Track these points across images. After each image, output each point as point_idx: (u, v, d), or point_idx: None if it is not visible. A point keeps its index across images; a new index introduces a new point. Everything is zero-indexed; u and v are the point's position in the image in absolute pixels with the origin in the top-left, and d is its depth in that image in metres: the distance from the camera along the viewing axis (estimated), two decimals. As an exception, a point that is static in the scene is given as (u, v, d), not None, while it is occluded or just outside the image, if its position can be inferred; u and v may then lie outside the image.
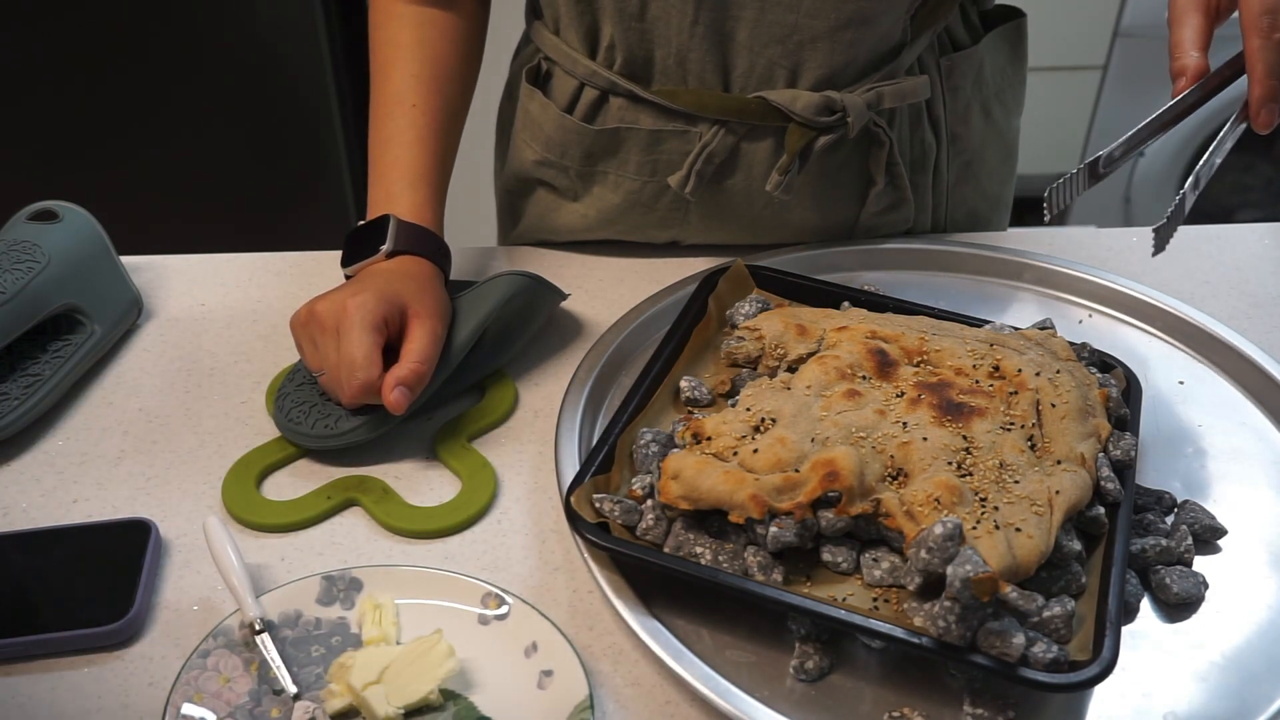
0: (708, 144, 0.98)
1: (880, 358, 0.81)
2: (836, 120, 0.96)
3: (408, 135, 0.94)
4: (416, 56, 0.96)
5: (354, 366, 0.81)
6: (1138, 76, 2.39)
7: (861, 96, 0.96)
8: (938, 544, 0.64)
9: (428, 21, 0.97)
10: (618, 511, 0.72)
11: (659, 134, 0.99)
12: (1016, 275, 1.01)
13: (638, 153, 1.01)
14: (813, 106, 0.95)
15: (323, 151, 2.12)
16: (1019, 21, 1.11)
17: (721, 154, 0.99)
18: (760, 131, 0.98)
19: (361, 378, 0.81)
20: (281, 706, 0.67)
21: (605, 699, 0.68)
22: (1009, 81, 1.11)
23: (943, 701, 0.67)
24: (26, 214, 0.94)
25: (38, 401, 0.86)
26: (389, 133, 0.95)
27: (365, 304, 0.82)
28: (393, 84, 0.96)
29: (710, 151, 0.98)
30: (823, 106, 0.95)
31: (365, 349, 0.81)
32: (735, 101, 0.97)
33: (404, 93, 0.95)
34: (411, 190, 0.93)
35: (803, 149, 0.97)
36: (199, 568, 0.76)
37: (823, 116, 0.96)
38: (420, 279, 0.87)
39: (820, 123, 0.96)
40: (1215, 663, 0.70)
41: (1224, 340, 0.92)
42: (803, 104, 0.95)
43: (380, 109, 0.96)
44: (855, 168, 1.02)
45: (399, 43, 0.97)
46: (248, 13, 1.97)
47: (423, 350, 0.83)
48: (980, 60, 1.06)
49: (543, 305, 0.94)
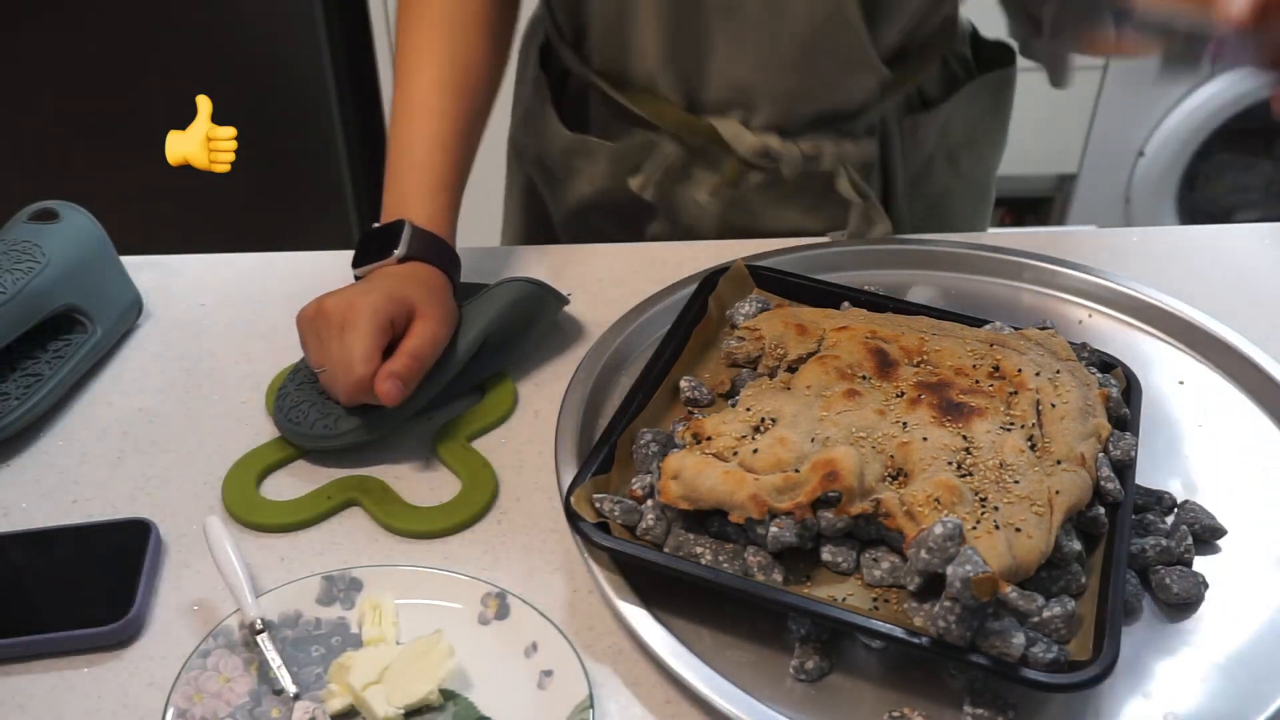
0: (666, 155, 1.04)
1: (880, 358, 0.81)
2: (771, 165, 1.02)
3: (429, 141, 0.94)
4: (443, 61, 0.96)
5: (351, 363, 0.81)
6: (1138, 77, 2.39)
7: (802, 148, 1.02)
8: (938, 544, 0.64)
9: (457, 25, 0.97)
10: (618, 511, 0.72)
11: (627, 140, 1.06)
12: (1016, 275, 1.01)
13: (605, 161, 1.07)
14: (750, 149, 1.02)
15: (323, 152, 2.12)
16: (1005, 72, 1.12)
17: (677, 166, 1.05)
18: (709, 154, 1.04)
19: (358, 373, 0.80)
20: (281, 706, 0.67)
21: (605, 699, 0.68)
22: (985, 130, 1.13)
23: (943, 701, 0.67)
24: (26, 214, 0.94)
25: (38, 401, 0.86)
26: (410, 136, 0.94)
27: (373, 303, 0.82)
28: (417, 87, 0.96)
29: (667, 162, 1.04)
30: (760, 151, 1.02)
31: (365, 346, 0.81)
32: (690, 121, 1.03)
33: (428, 97, 0.95)
34: (430, 196, 0.92)
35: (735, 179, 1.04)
36: (199, 568, 0.76)
37: (758, 159, 1.02)
38: (430, 285, 0.87)
39: (754, 162, 1.02)
40: (1215, 663, 0.70)
41: (1224, 340, 0.92)
42: (742, 144, 1.02)
43: (403, 111, 0.96)
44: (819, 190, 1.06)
45: (426, 46, 0.96)
46: (248, 13, 1.97)
47: (419, 345, 0.83)
48: (947, 116, 1.09)
49: (545, 311, 0.94)
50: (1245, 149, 2.53)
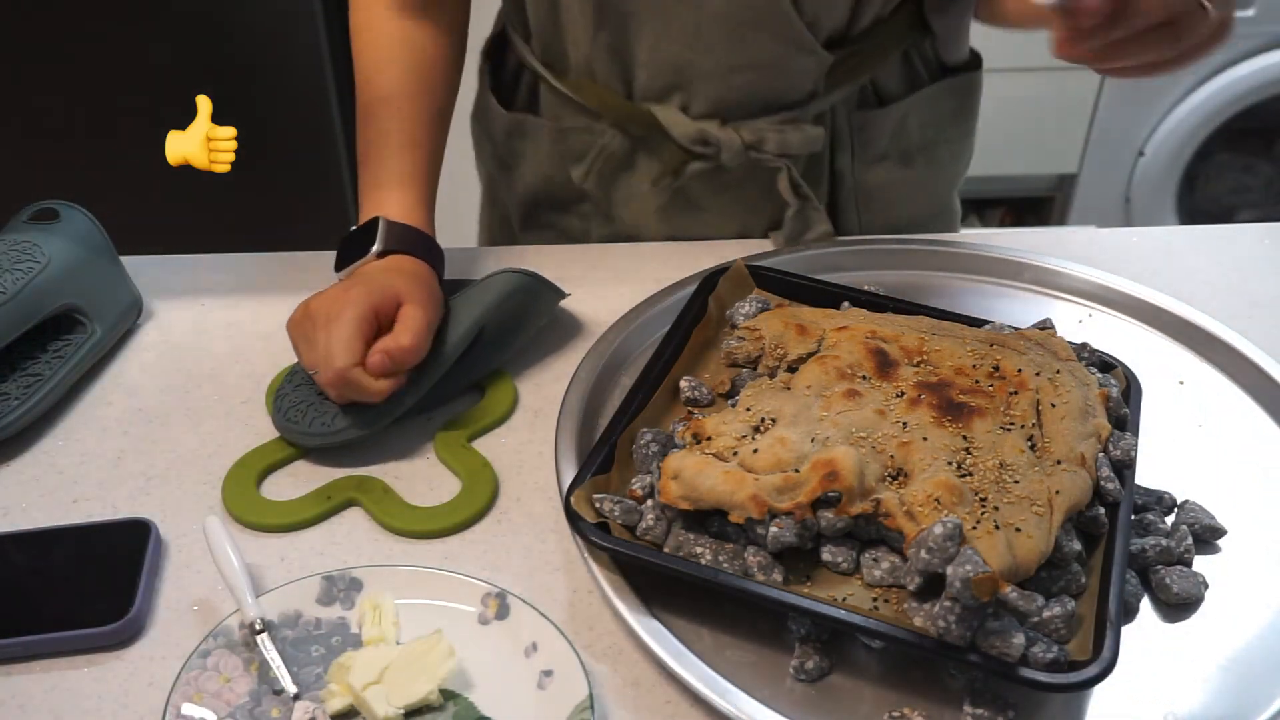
0: (606, 144, 1.03)
1: (880, 358, 0.81)
2: (710, 152, 0.99)
3: (396, 137, 0.94)
4: (401, 58, 0.96)
5: (332, 356, 0.80)
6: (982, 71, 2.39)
7: (741, 135, 0.99)
8: (938, 544, 0.64)
9: (410, 25, 0.97)
10: (618, 511, 0.72)
11: (566, 127, 1.04)
12: (1016, 275, 1.01)
13: (547, 143, 1.06)
14: (688, 136, 0.99)
15: (322, 151, 2.12)
16: (970, 77, 1.10)
17: (619, 155, 1.03)
18: (651, 142, 1.02)
19: (337, 365, 0.80)
20: (281, 706, 0.67)
21: (605, 699, 0.68)
22: (945, 136, 1.10)
23: (943, 701, 0.67)
24: (26, 214, 0.94)
25: (38, 401, 0.86)
26: (375, 134, 0.95)
27: (355, 297, 0.82)
28: (378, 86, 0.96)
29: (609, 152, 1.03)
30: (697, 138, 0.99)
31: (345, 336, 0.81)
32: (630, 109, 1.01)
33: (390, 94, 0.95)
34: (400, 190, 0.93)
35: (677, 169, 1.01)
36: (199, 568, 0.76)
37: (697, 146, 0.99)
38: (414, 274, 0.87)
39: (694, 150, 1.00)
40: (1215, 663, 0.70)
41: (1224, 340, 0.92)
42: (680, 130, 0.99)
43: (367, 111, 0.96)
44: (764, 187, 1.03)
45: (382, 46, 0.97)
46: (248, 13, 1.97)
47: (409, 329, 0.82)
48: (903, 114, 1.05)
49: (542, 304, 0.94)
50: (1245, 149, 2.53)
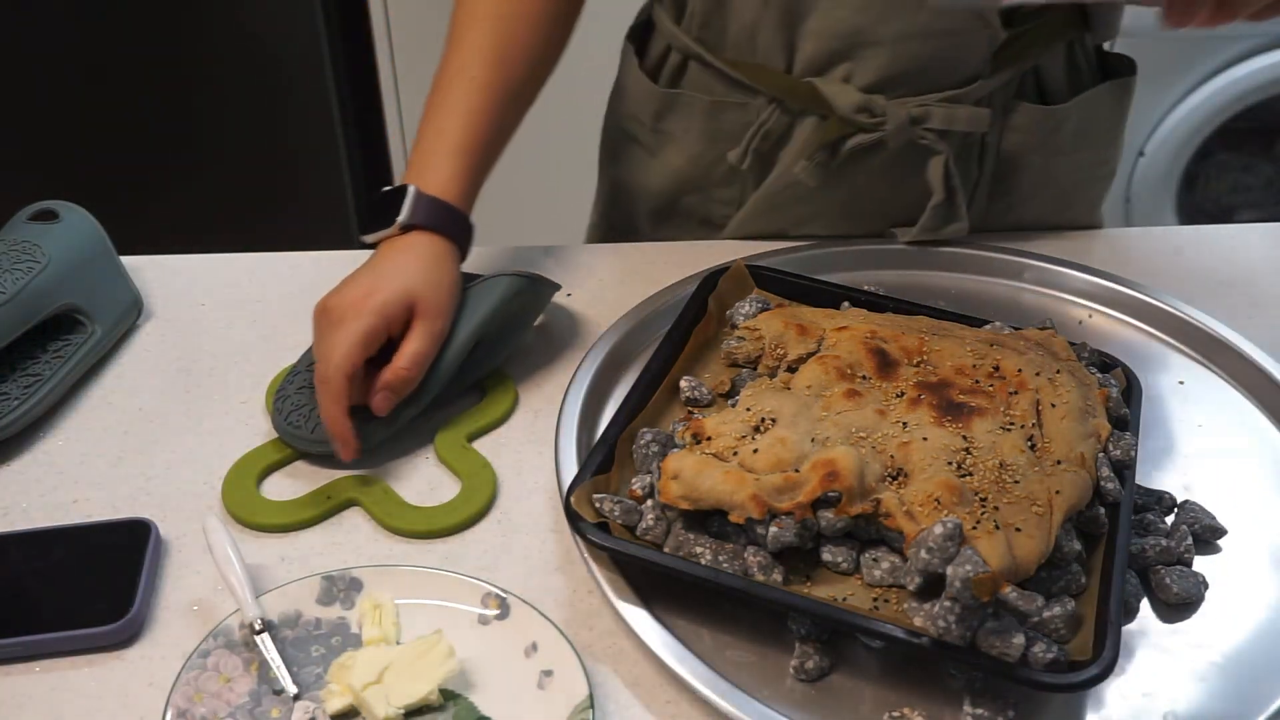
0: (764, 121, 1.00)
1: (880, 358, 0.81)
2: (875, 124, 0.96)
3: (459, 107, 0.91)
4: (488, 30, 0.94)
5: (328, 362, 0.80)
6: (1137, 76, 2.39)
7: (907, 109, 0.96)
8: (938, 544, 0.64)
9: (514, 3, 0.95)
10: (618, 511, 0.72)
11: (721, 103, 1.02)
12: (1016, 275, 1.01)
13: (700, 119, 1.03)
14: (852, 105, 0.96)
15: (323, 151, 2.12)
16: (1127, 81, 1.07)
17: (777, 132, 1.00)
18: (810, 117, 0.99)
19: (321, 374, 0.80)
20: (281, 706, 0.67)
21: (605, 699, 0.68)
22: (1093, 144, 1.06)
23: (943, 701, 0.67)
24: (26, 214, 0.94)
25: (38, 401, 0.86)
26: (440, 102, 0.92)
27: (370, 308, 0.81)
28: (458, 55, 0.93)
29: (766, 129, 1.00)
30: (861, 107, 0.96)
31: (347, 347, 0.80)
32: (789, 82, 0.98)
33: (466, 65, 0.93)
34: (447, 161, 0.90)
35: (835, 143, 0.98)
36: (199, 568, 0.76)
37: (860, 116, 0.96)
38: (435, 260, 0.86)
39: (857, 122, 0.97)
40: (1215, 663, 0.70)
41: (1224, 340, 0.92)
42: (844, 100, 0.96)
43: (440, 79, 0.93)
44: (913, 176, 1.00)
45: (475, 15, 0.94)
46: (248, 13, 1.97)
47: (414, 355, 0.82)
48: (1060, 120, 1.02)
49: (539, 301, 0.94)
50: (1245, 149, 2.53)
